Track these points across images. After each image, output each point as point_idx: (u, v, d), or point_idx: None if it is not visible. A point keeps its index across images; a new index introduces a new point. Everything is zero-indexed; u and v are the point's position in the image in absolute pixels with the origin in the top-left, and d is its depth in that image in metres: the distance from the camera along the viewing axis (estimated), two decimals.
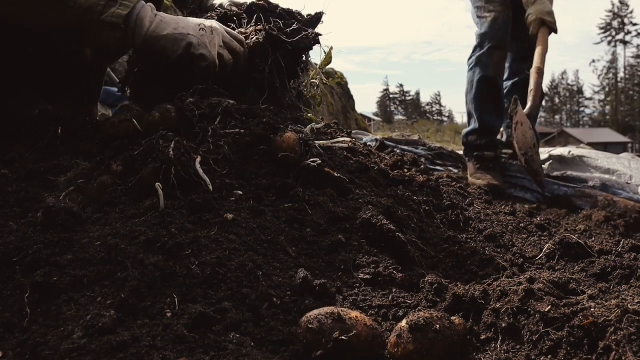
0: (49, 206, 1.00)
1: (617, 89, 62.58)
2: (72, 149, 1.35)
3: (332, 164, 1.39)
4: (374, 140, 3.29)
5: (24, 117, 1.44)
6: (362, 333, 0.76)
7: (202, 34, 1.45)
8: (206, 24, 1.48)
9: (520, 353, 0.86)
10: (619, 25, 62.86)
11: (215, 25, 1.51)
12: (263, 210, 1.15)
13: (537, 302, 0.91)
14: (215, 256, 0.94)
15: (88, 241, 0.95)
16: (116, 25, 1.33)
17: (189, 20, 1.47)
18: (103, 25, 1.32)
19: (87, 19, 1.31)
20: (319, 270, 1.05)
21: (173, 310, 0.82)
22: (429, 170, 1.96)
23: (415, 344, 0.78)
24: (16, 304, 0.81)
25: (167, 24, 1.42)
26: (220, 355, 0.75)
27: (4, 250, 0.90)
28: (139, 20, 1.37)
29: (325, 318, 0.76)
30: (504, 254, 1.32)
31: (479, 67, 3.15)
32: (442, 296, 1.02)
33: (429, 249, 1.26)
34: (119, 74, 4.03)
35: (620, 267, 1.17)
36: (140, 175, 1.13)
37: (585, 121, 68.90)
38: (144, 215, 1.04)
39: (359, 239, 1.16)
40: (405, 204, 1.42)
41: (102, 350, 0.70)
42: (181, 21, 1.45)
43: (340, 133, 1.95)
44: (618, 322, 0.81)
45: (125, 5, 1.34)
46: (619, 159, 3.25)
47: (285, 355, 0.78)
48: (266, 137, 1.32)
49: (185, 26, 1.44)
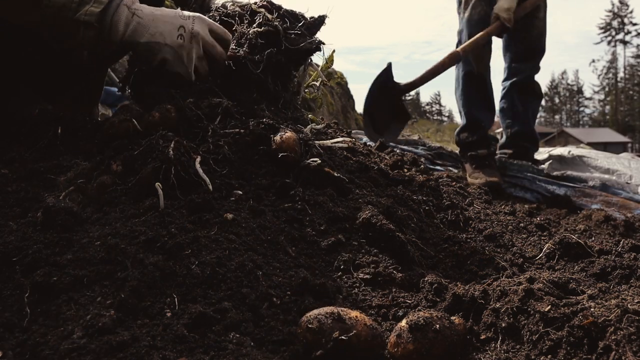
0: (49, 206, 1.00)
1: (617, 89, 62.60)
2: (72, 149, 1.35)
3: (332, 164, 1.39)
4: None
5: (24, 117, 1.44)
6: (362, 333, 0.76)
7: (179, 44, 1.38)
8: (187, 27, 1.39)
9: (520, 353, 0.86)
10: (619, 25, 62.87)
11: (197, 27, 1.41)
12: (263, 210, 1.15)
13: (537, 302, 0.91)
14: (215, 256, 0.94)
15: (88, 241, 0.95)
16: (89, 24, 1.31)
17: (169, 21, 1.38)
18: (77, 23, 1.30)
19: (61, 17, 1.29)
20: (319, 270, 1.05)
21: (173, 310, 0.82)
22: (429, 170, 1.96)
23: (415, 344, 0.78)
24: (16, 304, 0.81)
25: (145, 28, 1.36)
26: (220, 355, 0.75)
27: (4, 250, 0.90)
28: (115, 19, 1.32)
29: (326, 318, 0.76)
30: (504, 254, 1.32)
31: (463, 63, 3.13)
32: (442, 296, 1.03)
33: (429, 249, 1.26)
34: (119, 73, 4.03)
35: (620, 267, 1.17)
36: (140, 175, 1.13)
37: (585, 121, 68.91)
38: (144, 215, 1.04)
39: (359, 239, 1.16)
40: (405, 204, 1.42)
41: (102, 350, 0.70)
42: (160, 24, 1.37)
43: (340, 133, 1.95)
44: (618, 322, 0.81)
45: (100, 2, 1.31)
46: (618, 159, 3.25)
47: (285, 355, 0.78)
48: (266, 137, 1.32)
49: (163, 32, 1.37)
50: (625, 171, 2.99)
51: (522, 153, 3.22)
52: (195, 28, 1.40)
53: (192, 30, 1.39)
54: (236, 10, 1.68)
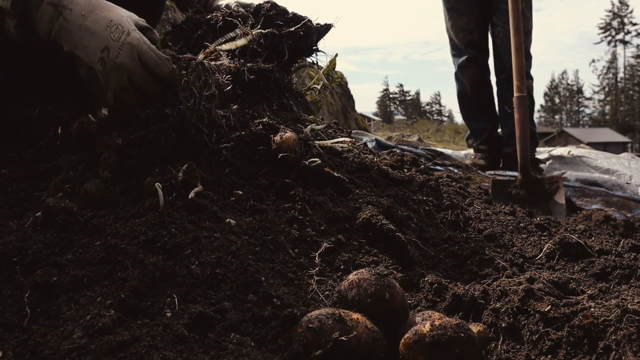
0: (49, 206, 1.00)
1: (617, 89, 62.59)
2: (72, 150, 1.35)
3: (332, 164, 1.39)
4: (373, 140, 3.30)
5: (24, 117, 1.44)
6: (363, 335, 0.76)
7: (99, 69, 1.18)
8: (112, 52, 1.16)
9: (520, 353, 0.86)
10: (619, 25, 62.87)
11: (122, 58, 1.17)
12: (263, 210, 1.15)
13: (537, 302, 0.91)
14: (215, 256, 0.94)
15: (88, 241, 0.95)
16: (5, 10, 1.18)
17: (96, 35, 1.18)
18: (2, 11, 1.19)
19: None
20: (319, 270, 1.05)
21: (173, 310, 0.82)
22: (429, 170, 1.96)
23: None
24: (16, 304, 0.81)
25: (69, 36, 1.19)
26: (220, 355, 0.75)
27: (4, 250, 0.90)
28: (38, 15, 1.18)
29: (327, 318, 0.75)
30: (504, 254, 1.32)
31: (457, 82, 3.69)
32: (442, 296, 1.02)
33: (429, 249, 1.26)
34: None
35: (620, 267, 1.17)
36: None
37: (585, 121, 68.89)
38: (144, 215, 1.04)
39: (359, 239, 1.16)
40: (405, 204, 1.42)
41: (102, 350, 0.70)
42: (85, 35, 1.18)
43: (340, 133, 1.95)
44: (618, 322, 0.81)
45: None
46: (618, 159, 3.26)
47: (285, 355, 0.78)
48: (266, 137, 1.32)
49: (86, 47, 1.18)
50: (625, 172, 3.00)
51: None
52: (120, 59, 1.17)
53: (116, 61, 1.17)
54: (240, 11, 1.68)
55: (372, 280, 0.82)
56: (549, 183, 2.30)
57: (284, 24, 1.65)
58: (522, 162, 2.33)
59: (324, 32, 1.70)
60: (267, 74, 1.56)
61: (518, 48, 2.41)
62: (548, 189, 2.27)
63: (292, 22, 1.66)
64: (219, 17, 1.68)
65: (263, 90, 1.57)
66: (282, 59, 1.62)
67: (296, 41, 1.65)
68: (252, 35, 1.54)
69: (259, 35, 1.59)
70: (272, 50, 1.61)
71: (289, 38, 1.63)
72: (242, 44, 1.49)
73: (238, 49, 1.51)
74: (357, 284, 0.83)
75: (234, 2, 1.81)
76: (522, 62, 2.42)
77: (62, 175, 1.18)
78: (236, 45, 1.49)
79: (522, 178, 2.31)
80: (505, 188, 2.32)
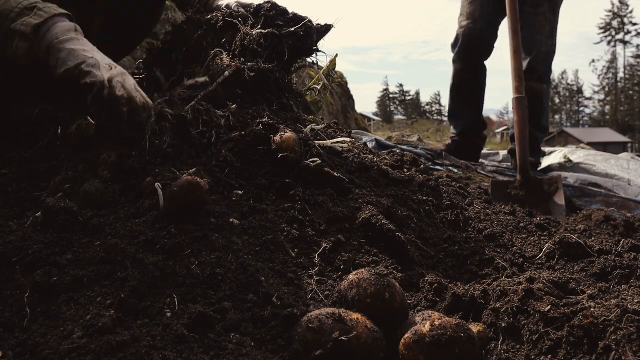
0: (49, 206, 1.00)
1: (617, 89, 62.60)
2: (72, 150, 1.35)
3: (332, 164, 1.39)
4: (373, 140, 3.30)
5: (24, 117, 1.44)
6: (363, 335, 0.76)
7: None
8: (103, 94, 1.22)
9: (520, 353, 0.86)
10: (619, 25, 62.86)
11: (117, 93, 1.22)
12: (263, 210, 1.15)
13: (537, 302, 0.91)
14: (215, 256, 0.94)
15: (88, 241, 0.95)
16: (24, 35, 1.26)
17: (96, 62, 1.25)
18: (13, 33, 1.26)
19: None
20: (319, 270, 1.05)
21: (173, 310, 0.82)
22: (429, 170, 1.96)
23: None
24: (16, 304, 0.82)
25: (71, 57, 1.25)
26: (220, 355, 0.75)
27: (4, 250, 0.90)
28: (51, 37, 1.24)
29: (327, 318, 0.75)
30: (504, 254, 1.32)
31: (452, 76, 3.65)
32: (442, 296, 1.02)
33: (429, 249, 1.26)
34: None
35: (620, 267, 1.17)
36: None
37: (585, 121, 68.88)
38: (144, 215, 1.04)
39: (359, 239, 1.16)
40: (405, 204, 1.42)
41: (102, 350, 0.70)
42: (85, 65, 1.24)
43: (340, 133, 1.95)
44: (618, 322, 0.81)
45: (39, 16, 1.26)
46: (617, 160, 3.26)
47: (285, 355, 0.78)
48: (266, 137, 1.32)
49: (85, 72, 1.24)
50: (624, 175, 3.01)
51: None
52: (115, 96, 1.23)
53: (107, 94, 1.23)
54: (240, 11, 1.68)
55: (372, 280, 0.82)
56: (548, 184, 2.29)
57: (284, 24, 1.64)
58: (522, 163, 2.32)
59: (324, 32, 1.70)
60: (267, 74, 1.56)
61: (515, 50, 2.40)
62: (548, 190, 2.27)
63: (292, 23, 1.66)
64: (219, 17, 1.68)
65: (263, 90, 1.57)
66: (282, 59, 1.62)
67: (296, 41, 1.64)
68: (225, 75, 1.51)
69: (259, 35, 1.59)
70: (272, 51, 1.61)
71: (289, 38, 1.63)
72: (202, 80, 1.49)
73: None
74: (357, 284, 0.83)
75: (235, 2, 1.81)
76: (519, 64, 2.40)
77: (62, 175, 1.19)
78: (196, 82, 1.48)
79: (522, 179, 2.30)
80: (505, 189, 2.31)
